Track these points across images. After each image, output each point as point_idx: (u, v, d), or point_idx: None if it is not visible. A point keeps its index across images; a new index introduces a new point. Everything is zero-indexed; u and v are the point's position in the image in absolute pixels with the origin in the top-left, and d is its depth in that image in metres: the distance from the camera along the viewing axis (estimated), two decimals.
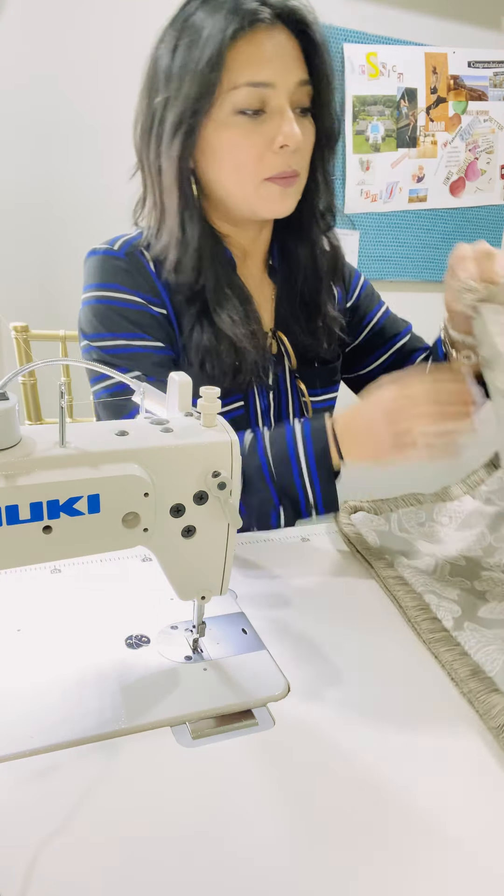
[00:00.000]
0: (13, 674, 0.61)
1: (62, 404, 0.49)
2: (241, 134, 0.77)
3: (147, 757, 0.53)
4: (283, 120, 0.77)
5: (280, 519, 0.82)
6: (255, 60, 0.75)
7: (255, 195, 0.82)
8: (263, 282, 0.95)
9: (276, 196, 0.82)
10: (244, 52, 0.75)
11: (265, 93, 0.76)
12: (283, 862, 0.45)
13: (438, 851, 0.47)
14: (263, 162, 0.79)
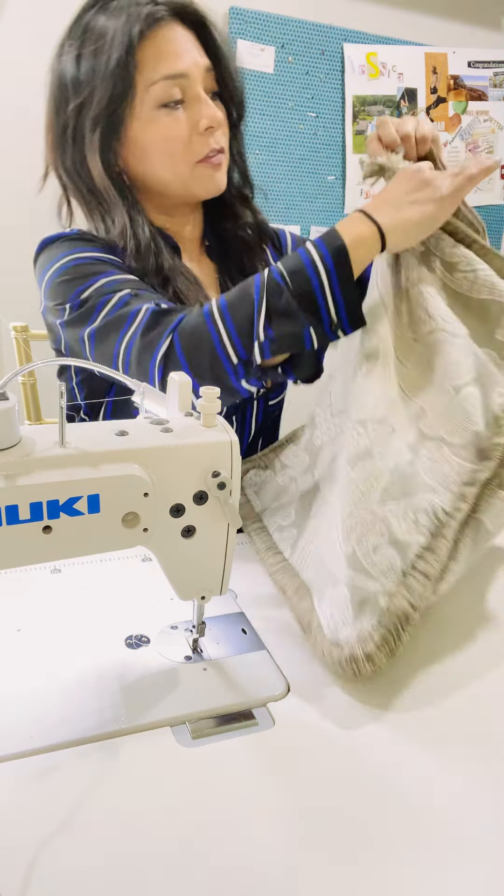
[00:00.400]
0: (13, 674, 0.61)
1: (62, 404, 0.49)
2: (167, 125, 0.83)
3: (147, 757, 0.53)
4: (203, 104, 0.84)
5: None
6: (166, 55, 0.81)
7: (190, 178, 0.87)
8: (204, 263, 1.00)
9: (210, 175, 0.88)
10: (153, 50, 0.80)
11: (181, 83, 0.82)
12: (284, 862, 0.45)
13: (439, 851, 0.47)
14: (192, 147, 0.85)
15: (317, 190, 1.98)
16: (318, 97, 1.93)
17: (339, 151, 1.99)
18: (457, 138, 2.10)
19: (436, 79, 2.03)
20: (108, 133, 0.83)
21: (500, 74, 2.10)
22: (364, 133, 1.98)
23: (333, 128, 1.96)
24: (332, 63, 1.92)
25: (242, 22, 1.80)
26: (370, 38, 1.93)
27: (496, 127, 2.14)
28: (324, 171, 1.99)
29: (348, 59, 1.92)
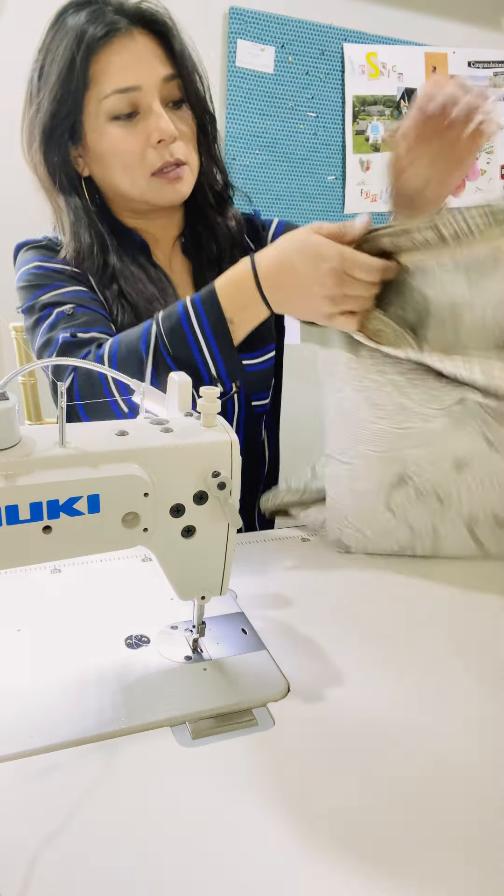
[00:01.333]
0: (13, 674, 0.61)
1: (62, 405, 0.49)
2: (119, 137, 0.84)
3: (147, 757, 0.53)
4: (158, 117, 0.83)
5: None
6: (117, 68, 0.81)
7: (147, 190, 0.87)
8: (178, 260, 1.00)
9: (166, 187, 0.88)
10: (107, 63, 0.80)
11: (133, 96, 0.82)
12: (283, 862, 0.45)
13: (440, 851, 0.47)
14: (146, 159, 0.85)
15: (317, 190, 1.98)
16: (318, 97, 1.92)
17: (339, 151, 1.99)
18: None
19: None
20: (53, 142, 0.85)
21: (500, 74, 2.10)
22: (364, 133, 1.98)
23: (333, 128, 1.96)
24: (332, 63, 1.92)
25: (242, 22, 1.80)
26: (370, 38, 1.93)
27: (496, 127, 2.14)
28: (324, 171, 1.99)
29: (348, 59, 1.92)
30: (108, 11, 0.81)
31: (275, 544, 0.89)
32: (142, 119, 0.83)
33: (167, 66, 0.84)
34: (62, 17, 0.83)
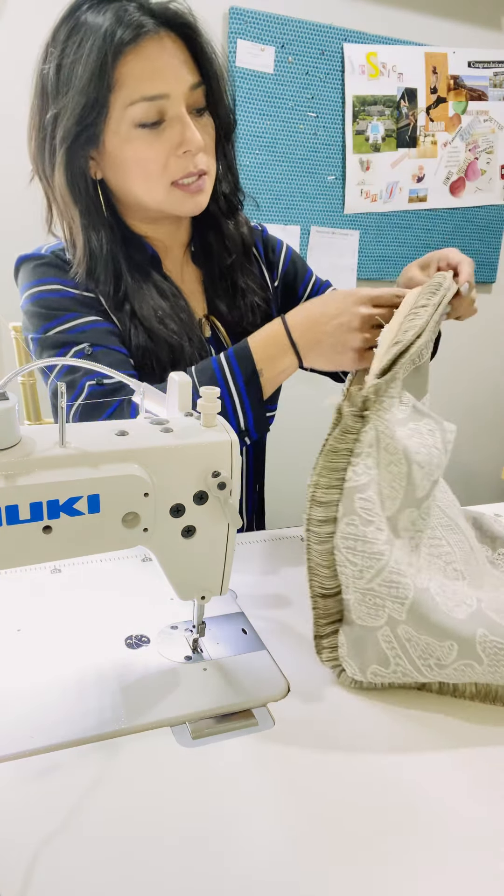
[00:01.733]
0: (13, 674, 0.61)
1: (62, 404, 0.49)
2: (144, 146, 0.80)
3: (147, 757, 0.53)
4: (184, 126, 0.80)
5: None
6: (147, 74, 0.77)
7: (165, 200, 0.85)
8: (189, 269, 0.99)
9: (186, 198, 0.85)
10: (135, 67, 0.77)
11: (161, 104, 0.79)
12: (283, 861, 0.45)
13: (439, 851, 0.47)
14: (169, 168, 0.82)
15: (317, 190, 1.98)
16: (318, 97, 1.92)
17: (339, 151, 1.99)
18: (457, 138, 2.10)
19: (436, 79, 2.03)
20: (77, 148, 0.81)
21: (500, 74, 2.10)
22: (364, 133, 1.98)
23: (333, 128, 1.96)
24: (332, 63, 1.92)
25: (242, 22, 1.80)
26: (370, 38, 1.93)
27: (496, 127, 2.14)
28: (324, 171, 1.98)
29: (348, 59, 1.92)
30: (133, 10, 0.77)
31: (275, 544, 0.89)
32: (168, 127, 0.80)
33: (194, 73, 0.81)
34: (78, 13, 0.78)
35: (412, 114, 2.03)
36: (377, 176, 2.04)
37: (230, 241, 0.97)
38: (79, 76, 0.76)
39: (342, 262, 2.06)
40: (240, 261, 0.98)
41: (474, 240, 2.22)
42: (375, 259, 2.11)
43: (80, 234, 0.85)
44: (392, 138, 2.02)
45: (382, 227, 2.08)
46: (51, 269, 0.89)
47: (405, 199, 2.09)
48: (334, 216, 2.03)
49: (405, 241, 2.13)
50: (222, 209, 0.95)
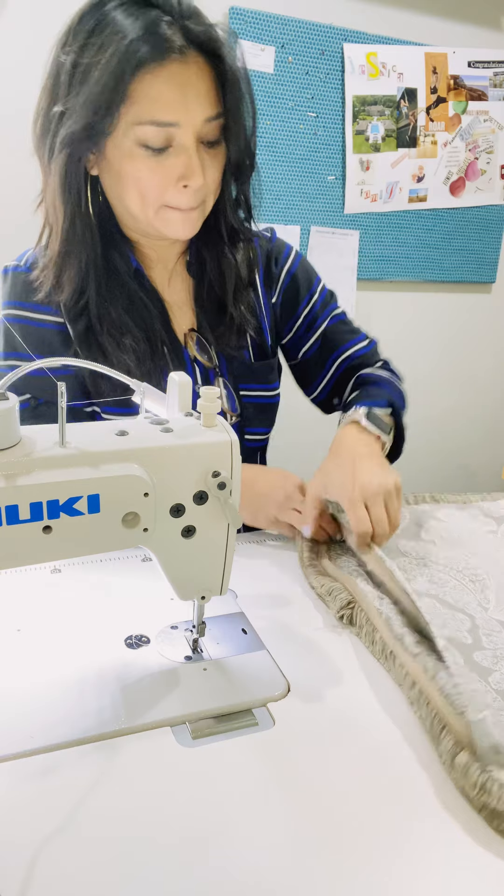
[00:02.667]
0: (13, 674, 0.61)
1: (62, 404, 0.49)
2: (145, 167, 0.76)
3: (147, 757, 0.53)
4: (189, 159, 0.76)
5: None
6: (164, 98, 0.72)
7: (156, 219, 0.81)
8: (180, 279, 0.95)
9: (178, 220, 0.81)
10: (152, 87, 0.72)
11: (170, 131, 0.74)
12: (283, 861, 0.45)
13: (439, 851, 0.47)
14: (166, 196, 0.79)
15: (317, 190, 1.98)
16: (318, 97, 1.92)
17: (339, 151, 1.99)
18: (457, 138, 2.10)
19: (436, 79, 2.03)
20: (78, 150, 0.76)
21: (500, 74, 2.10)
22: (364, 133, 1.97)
23: (333, 128, 1.96)
24: (332, 63, 1.91)
25: (242, 22, 1.80)
26: (370, 38, 1.93)
27: (496, 127, 2.14)
28: (324, 171, 1.98)
29: (348, 59, 1.92)
30: (165, 24, 0.71)
31: (275, 544, 0.89)
32: (172, 154, 0.76)
33: (214, 105, 0.76)
34: (107, 6, 0.72)
35: (412, 114, 2.03)
36: (377, 176, 2.03)
37: (227, 268, 0.92)
38: (94, 81, 0.71)
39: (342, 262, 2.05)
40: (236, 289, 0.93)
41: (474, 240, 2.22)
42: (375, 259, 2.11)
43: (59, 235, 0.81)
44: (392, 138, 2.02)
45: (382, 227, 2.08)
46: (23, 289, 0.86)
47: (405, 199, 2.08)
48: (334, 216, 2.03)
49: (405, 241, 2.12)
50: (225, 238, 0.91)
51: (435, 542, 0.84)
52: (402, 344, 2.20)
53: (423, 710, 0.57)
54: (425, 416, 2.38)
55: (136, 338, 0.87)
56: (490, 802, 0.48)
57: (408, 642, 0.62)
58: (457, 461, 2.52)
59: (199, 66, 0.74)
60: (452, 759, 0.52)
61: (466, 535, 0.85)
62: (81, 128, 0.73)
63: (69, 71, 0.74)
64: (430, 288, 2.24)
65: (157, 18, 0.71)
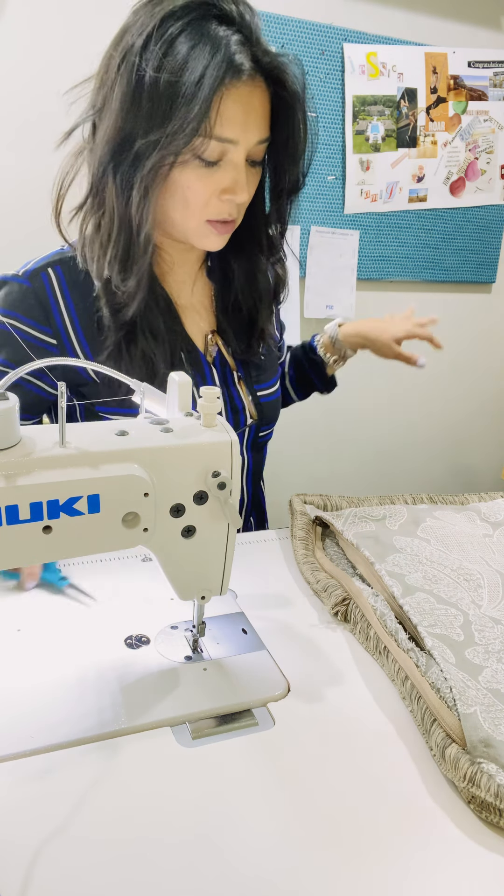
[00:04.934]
0: (13, 674, 0.61)
1: (62, 404, 0.49)
2: (196, 177, 0.79)
3: (147, 757, 0.53)
4: (238, 175, 0.79)
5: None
6: (227, 117, 0.74)
7: (193, 231, 0.84)
8: (200, 282, 0.97)
9: (213, 235, 0.84)
10: (220, 104, 0.74)
11: (226, 147, 0.77)
12: (283, 861, 0.45)
13: (438, 850, 0.47)
14: (209, 206, 0.81)
15: (317, 190, 1.98)
16: (318, 97, 1.92)
17: (339, 151, 1.99)
18: (457, 138, 2.10)
19: (436, 79, 2.03)
20: (161, 171, 0.76)
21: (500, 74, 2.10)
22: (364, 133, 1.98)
23: (333, 128, 1.96)
24: (332, 63, 1.91)
25: None
26: (370, 38, 1.93)
27: (496, 127, 2.14)
28: (324, 171, 1.98)
29: (348, 59, 1.92)
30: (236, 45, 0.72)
31: (275, 544, 0.89)
32: (222, 168, 0.79)
33: (265, 130, 0.79)
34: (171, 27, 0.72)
35: (412, 114, 2.03)
36: (377, 176, 2.03)
37: (263, 280, 0.95)
38: (183, 101, 0.72)
39: (342, 262, 2.06)
40: (266, 303, 0.97)
41: (474, 240, 2.22)
42: (375, 259, 2.11)
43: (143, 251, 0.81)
44: (392, 138, 2.02)
45: (382, 227, 2.08)
46: (18, 301, 0.85)
47: (405, 199, 2.08)
48: (334, 216, 2.03)
49: (405, 241, 2.12)
50: (264, 250, 0.94)
51: (430, 541, 0.84)
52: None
53: (415, 705, 0.58)
54: (425, 415, 2.38)
55: (165, 341, 0.88)
56: (479, 794, 0.49)
57: (401, 638, 0.64)
58: (457, 461, 2.52)
59: (262, 90, 0.77)
60: (443, 751, 0.53)
61: (464, 539, 0.86)
62: (171, 148, 0.74)
63: (150, 89, 0.73)
64: (430, 288, 2.24)
65: (230, 40, 0.73)
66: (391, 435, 2.35)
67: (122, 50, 0.74)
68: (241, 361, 0.98)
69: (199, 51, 0.71)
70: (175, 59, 0.72)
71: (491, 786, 0.49)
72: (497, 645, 0.65)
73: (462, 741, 0.53)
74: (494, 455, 2.56)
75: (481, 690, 0.58)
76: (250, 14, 0.75)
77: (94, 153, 0.79)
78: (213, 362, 0.95)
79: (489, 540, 0.88)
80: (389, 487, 1.75)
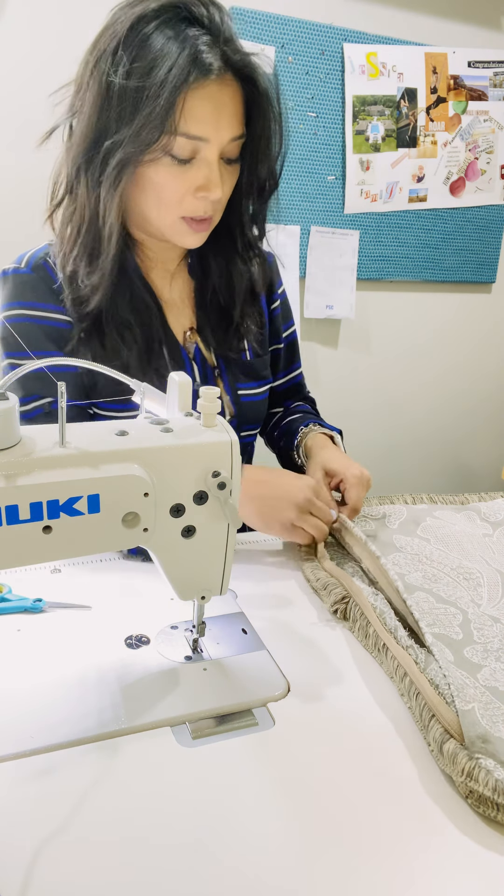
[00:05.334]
0: (13, 674, 0.61)
1: (62, 404, 0.49)
2: (168, 175, 0.79)
3: (147, 757, 0.53)
4: (210, 173, 0.80)
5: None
6: (196, 115, 0.75)
7: (169, 228, 0.84)
8: (181, 278, 0.97)
9: (189, 233, 0.85)
10: (188, 104, 0.75)
11: (197, 144, 0.77)
12: (283, 861, 0.45)
13: (438, 850, 0.47)
14: (184, 203, 0.82)
15: (317, 190, 1.98)
16: (318, 97, 1.92)
17: (339, 151, 1.99)
18: (457, 138, 2.10)
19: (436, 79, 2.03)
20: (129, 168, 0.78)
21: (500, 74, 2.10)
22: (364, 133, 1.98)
23: (333, 128, 1.96)
24: (332, 63, 1.91)
25: (242, 22, 1.80)
26: (370, 38, 1.93)
27: (496, 127, 2.14)
28: (324, 171, 1.98)
29: (348, 59, 1.92)
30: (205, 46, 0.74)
31: (275, 544, 0.89)
32: (194, 166, 0.79)
33: (241, 126, 0.80)
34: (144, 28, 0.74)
35: (412, 114, 2.03)
36: (377, 176, 2.03)
37: (238, 279, 0.95)
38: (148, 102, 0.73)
39: (342, 262, 2.05)
40: (243, 299, 0.97)
41: (474, 240, 2.22)
42: (375, 259, 2.11)
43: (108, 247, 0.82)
44: (392, 138, 2.02)
45: (382, 227, 2.08)
46: (27, 289, 0.87)
47: (405, 199, 2.08)
48: (334, 216, 2.03)
49: (405, 241, 2.12)
50: (238, 250, 0.94)
51: (430, 540, 0.84)
52: (402, 344, 2.20)
53: (413, 701, 0.59)
54: (425, 415, 2.38)
55: (136, 335, 0.88)
56: (477, 789, 0.49)
57: (400, 635, 0.64)
58: (457, 461, 2.52)
59: (233, 88, 0.78)
60: (441, 746, 0.53)
61: (463, 538, 0.86)
62: (136, 146, 0.76)
63: (121, 87, 0.75)
64: (430, 288, 2.24)
65: (198, 40, 0.74)
66: (391, 435, 2.35)
67: (96, 54, 0.77)
68: (221, 358, 0.98)
69: (166, 51, 0.73)
70: (144, 60, 0.74)
71: (489, 780, 0.49)
72: (496, 643, 0.65)
73: (460, 737, 0.53)
74: (494, 455, 2.56)
75: (479, 689, 0.58)
76: (220, 15, 0.77)
77: (69, 153, 0.81)
78: (194, 358, 0.95)
79: (489, 539, 0.88)
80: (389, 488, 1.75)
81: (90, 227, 0.82)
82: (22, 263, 0.89)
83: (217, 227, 0.89)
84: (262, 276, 1.00)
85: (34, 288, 0.87)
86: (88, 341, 0.87)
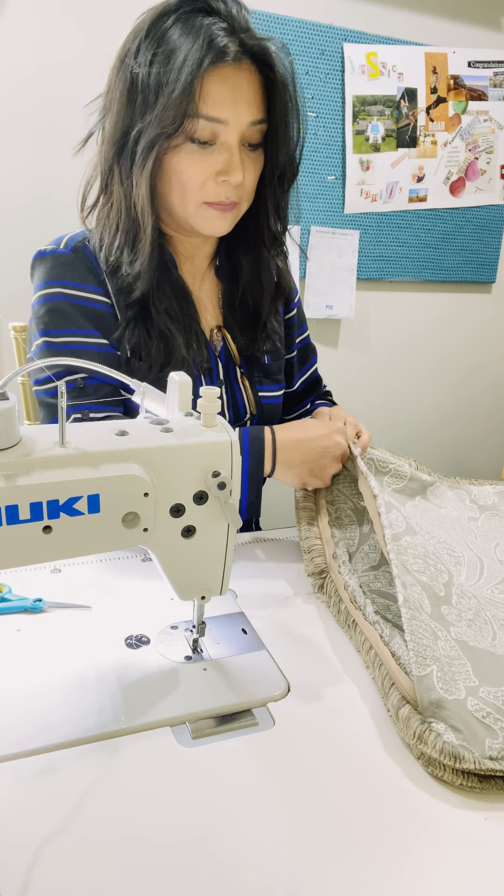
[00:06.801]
0: (13, 674, 0.61)
1: (62, 404, 0.49)
2: (189, 161, 0.81)
3: (147, 757, 0.53)
4: (230, 156, 0.81)
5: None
6: (215, 97, 0.77)
7: (194, 215, 0.85)
8: (209, 280, 0.98)
9: (214, 217, 0.86)
10: (206, 86, 0.77)
11: (217, 127, 0.79)
12: (283, 861, 0.45)
13: (438, 850, 0.47)
14: (205, 189, 0.83)
15: (317, 190, 1.98)
16: (318, 97, 1.92)
17: (339, 151, 1.99)
18: (457, 138, 2.10)
19: (436, 79, 2.03)
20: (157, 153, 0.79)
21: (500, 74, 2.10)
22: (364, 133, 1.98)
23: (333, 128, 1.96)
24: (332, 63, 1.91)
25: None
26: (370, 38, 1.93)
27: (496, 127, 2.14)
28: (324, 171, 1.98)
29: (348, 59, 1.92)
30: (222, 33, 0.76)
31: (275, 544, 0.89)
32: (215, 151, 0.81)
33: (259, 110, 0.81)
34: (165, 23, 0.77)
35: (412, 114, 2.03)
36: (377, 176, 2.03)
37: (267, 276, 0.97)
38: (171, 89, 0.76)
39: (342, 262, 2.05)
40: (269, 298, 0.98)
41: (474, 240, 2.22)
42: (375, 259, 2.11)
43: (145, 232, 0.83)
44: (392, 138, 2.02)
45: (382, 227, 2.08)
46: (66, 269, 0.88)
47: (405, 199, 2.08)
48: (334, 216, 2.03)
49: (405, 241, 2.12)
50: (266, 244, 0.95)
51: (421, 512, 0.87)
52: (402, 344, 2.20)
53: (376, 672, 0.62)
54: (425, 415, 2.38)
55: (179, 325, 0.89)
56: (426, 751, 0.53)
57: (368, 612, 0.68)
58: (457, 461, 2.52)
59: (250, 73, 0.79)
60: (397, 712, 0.56)
61: (447, 523, 0.88)
62: (159, 128, 0.78)
63: (145, 76, 0.78)
64: (430, 288, 2.24)
65: (212, 28, 0.76)
66: (391, 434, 2.35)
67: (121, 54, 0.80)
68: (245, 358, 0.99)
69: (184, 40, 0.76)
70: (164, 52, 0.77)
71: (437, 743, 0.52)
72: (469, 614, 0.69)
73: (415, 703, 0.56)
74: (494, 455, 2.56)
75: (450, 641, 0.62)
76: (237, 7, 0.79)
77: (101, 153, 0.84)
78: (219, 355, 0.96)
79: (474, 524, 0.90)
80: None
81: (128, 215, 0.84)
82: (61, 245, 0.90)
83: (243, 219, 0.90)
84: (287, 277, 1.02)
85: (74, 268, 0.88)
86: (135, 328, 0.88)
